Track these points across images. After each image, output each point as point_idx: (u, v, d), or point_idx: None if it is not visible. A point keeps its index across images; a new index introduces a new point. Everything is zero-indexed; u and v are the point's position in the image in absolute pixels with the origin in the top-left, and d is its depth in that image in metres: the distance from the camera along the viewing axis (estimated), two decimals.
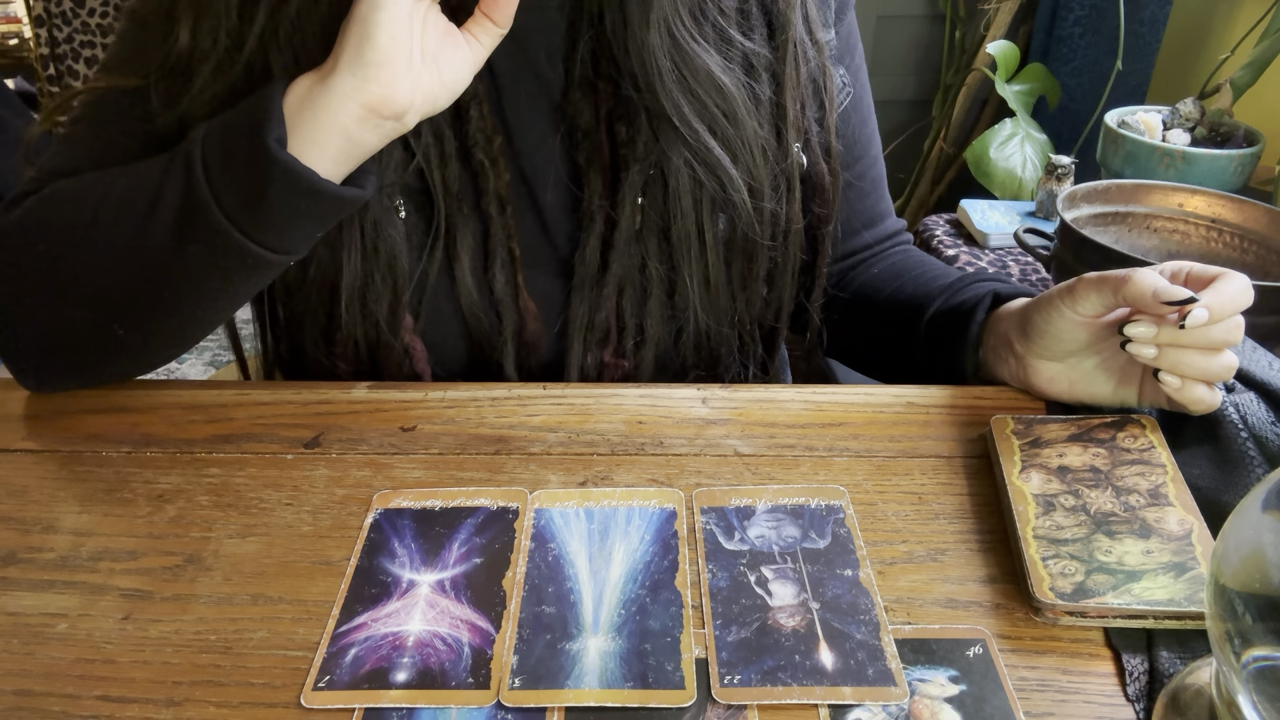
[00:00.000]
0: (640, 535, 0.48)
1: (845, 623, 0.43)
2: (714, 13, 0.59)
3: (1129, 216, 1.04)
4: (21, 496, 0.52)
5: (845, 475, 0.53)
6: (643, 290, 0.63)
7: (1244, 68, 1.32)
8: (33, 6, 2.58)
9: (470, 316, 0.63)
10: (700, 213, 0.61)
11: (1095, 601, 0.43)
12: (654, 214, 0.61)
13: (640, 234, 0.62)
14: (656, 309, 0.63)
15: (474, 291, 0.62)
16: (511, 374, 0.65)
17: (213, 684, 0.41)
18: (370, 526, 0.50)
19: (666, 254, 0.62)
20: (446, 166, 0.60)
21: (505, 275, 0.63)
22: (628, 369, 0.65)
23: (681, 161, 0.59)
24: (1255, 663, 0.33)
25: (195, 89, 0.57)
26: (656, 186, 0.61)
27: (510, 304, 0.63)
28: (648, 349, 0.64)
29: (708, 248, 0.62)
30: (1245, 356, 0.57)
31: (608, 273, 0.62)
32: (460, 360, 0.66)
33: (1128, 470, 0.50)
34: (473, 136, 0.60)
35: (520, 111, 0.62)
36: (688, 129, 0.58)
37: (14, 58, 2.57)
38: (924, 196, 2.07)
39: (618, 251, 0.62)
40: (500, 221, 0.62)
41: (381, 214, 0.59)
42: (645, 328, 0.64)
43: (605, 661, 0.42)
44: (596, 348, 0.64)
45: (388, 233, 0.59)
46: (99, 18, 2.83)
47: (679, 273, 0.62)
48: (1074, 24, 1.77)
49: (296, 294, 0.63)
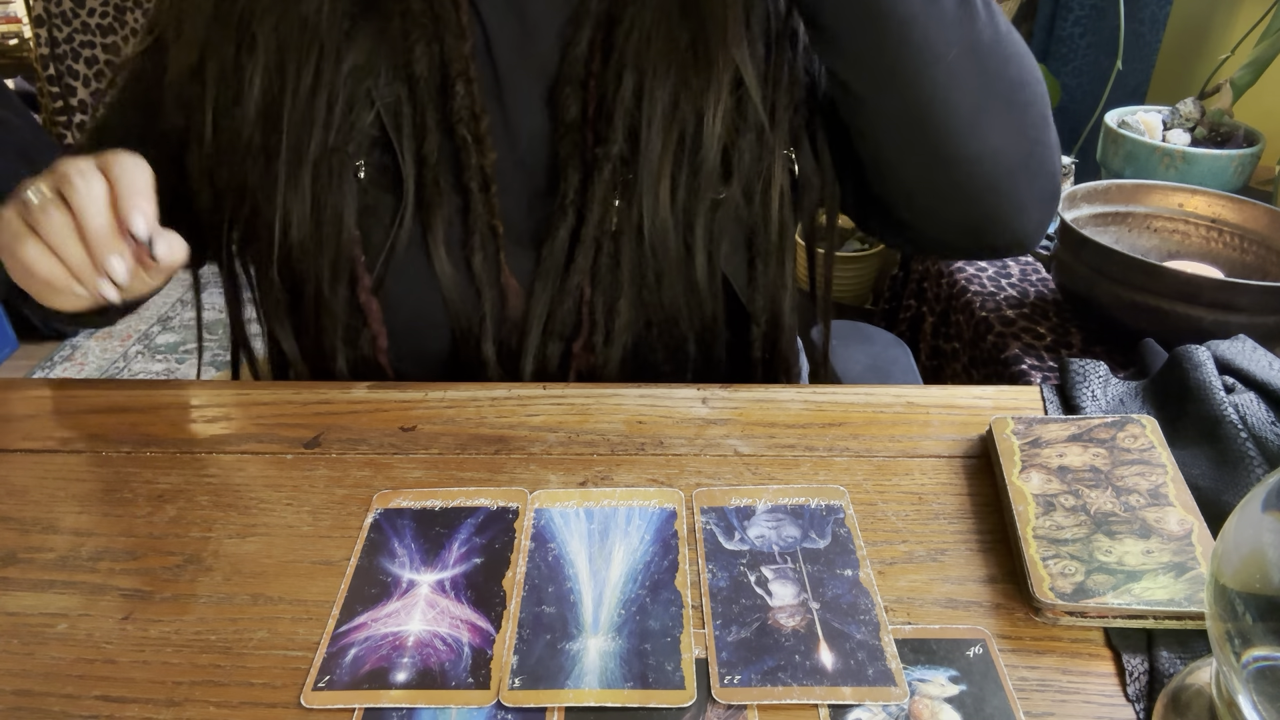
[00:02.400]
0: (640, 535, 0.48)
1: (845, 623, 0.43)
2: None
3: (1129, 216, 1.04)
4: (21, 496, 0.52)
5: (845, 475, 0.53)
6: (613, 286, 0.63)
7: (1244, 68, 1.32)
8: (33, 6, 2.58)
9: (446, 290, 0.62)
10: (676, 212, 0.61)
11: (1095, 601, 0.43)
12: (630, 214, 0.61)
13: (616, 234, 0.62)
14: (627, 307, 0.63)
15: (447, 265, 0.62)
16: (489, 354, 0.64)
17: (213, 684, 0.41)
18: (370, 526, 0.50)
19: (640, 254, 0.62)
20: (425, 138, 0.61)
21: (485, 252, 0.62)
22: (595, 363, 0.65)
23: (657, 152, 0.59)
24: (1255, 663, 0.33)
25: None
26: (633, 190, 0.61)
27: (490, 280, 0.63)
28: (615, 345, 0.64)
29: (693, 249, 0.62)
30: (1245, 356, 0.57)
31: (573, 266, 0.62)
32: (441, 338, 0.65)
33: (1128, 470, 0.50)
34: (457, 112, 0.60)
35: (517, 94, 0.62)
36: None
37: (14, 58, 2.58)
38: None
39: (585, 246, 0.61)
40: (482, 199, 0.62)
41: (337, 169, 0.60)
42: (613, 325, 0.63)
43: (605, 661, 0.42)
44: (558, 339, 0.64)
45: (339, 187, 0.60)
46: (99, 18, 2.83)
47: (652, 272, 0.62)
48: (1074, 24, 1.77)
49: (245, 239, 0.65)
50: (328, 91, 0.59)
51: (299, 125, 0.59)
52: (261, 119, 0.60)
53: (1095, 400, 0.58)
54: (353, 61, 0.59)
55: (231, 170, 0.62)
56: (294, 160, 0.59)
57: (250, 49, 0.60)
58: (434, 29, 0.60)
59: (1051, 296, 1.10)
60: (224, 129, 0.61)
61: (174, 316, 2.50)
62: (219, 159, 0.62)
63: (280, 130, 0.59)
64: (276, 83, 0.59)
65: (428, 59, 0.60)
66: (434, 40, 0.60)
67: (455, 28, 0.60)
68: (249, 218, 0.62)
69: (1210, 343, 0.59)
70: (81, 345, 2.35)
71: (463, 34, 0.60)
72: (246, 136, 0.60)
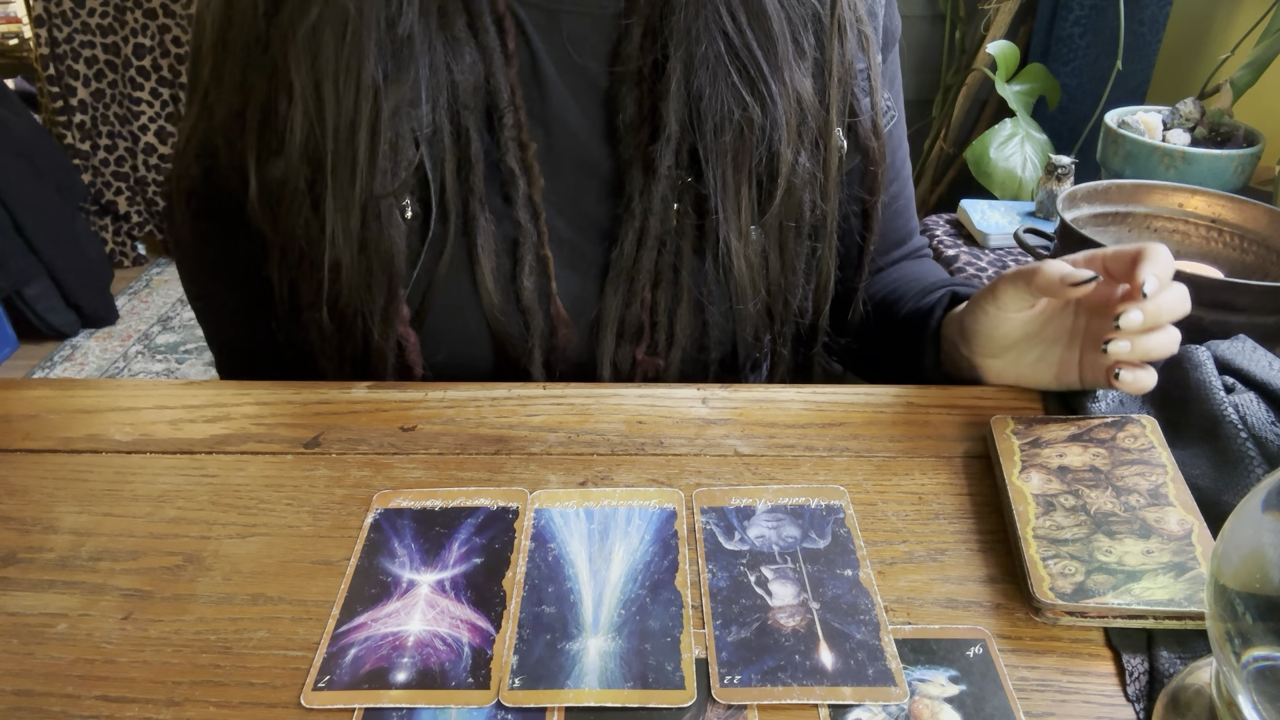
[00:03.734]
0: (640, 535, 0.48)
1: (845, 623, 0.43)
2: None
3: (1129, 216, 1.04)
4: (21, 496, 0.52)
5: (845, 475, 0.53)
6: (675, 285, 0.63)
7: (1244, 68, 1.32)
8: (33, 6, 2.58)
9: (493, 321, 0.62)
10: (740, 198, 0.61)
11: (1095, 601, 0.43)
12: (690, 212, 0.61)
13: (678, 233, 0.62)
14: (688, 308, 0.63)
15: (495, 296, 0.61)
16: (539, 378, 0.64)
17: (213, 684, 0.41)
18: (370, 526, 0.50)
19: (700, 248, 0.62)
20: (472, 170, 0.59)
21: (535, 282, 0.62)
22: (660, 367, 0.65)
23: (718, 110, 0.58)
24: (1255, 663, 0.33)
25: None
26: (690, 194, 0.61)
27: (539, 310, 0.63)
28: (677, 348, 0.64)
29: (745, 238, 0.62)
30: (1245, 356, 0.57)
31: (640, 266, 0.62)
32: (485, 365, 0.65)
33: (1128, 470, 0.50)
34: (504, 144, 0.59)
35: (567, 114, 0.61)
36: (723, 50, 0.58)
37: (14, 58, 2.58)
38: (924, 196, 2.07)
39: (648, 249, 0.62)
40: (532, 228, 0.61)
41: (386, 212, 0.58)
42: (676, 325, 0.64)
43: (605, 661, 0.42)
44: (629, 344, 0.64)
45: (388, 232, 0.59)
46: (99, 18, 2.83)
47: (714, 267, 0.62)
48: (1074, 24, 1.77)
49: (295, 281, 0.63)
50: (369, 139, 0.56)
51: (344, 169, 0.57)
52: (304, 165, 0.58)
53: (1095, 400, 0.58)
54: (395, 98, 0.56)
55: (279, 217, 0.60)
56: (340, 204, 0.57)
57: (288, 96, 0.57)
58: (478, 54, 0.58)
59: None
60: (269, 179, 0.59)
61: (174, 316, 2.50)
62: (265, 208, 0.60)
63: (323, 174, 0.57)
64: (318, 127, 0.57)
65: (472, 87, 0.58)
66: (477, 67, 0.58)
67: (502, 54, 0.58)
68: (296, 262, 0.61)
69: (1210, 343, 0.59)
70: (81, 345, 2.36)
71: (509, 59, 0.58)
72: (291, 185, 0.59)
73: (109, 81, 2.53)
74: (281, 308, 0.65)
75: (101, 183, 2.62)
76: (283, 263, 0.62)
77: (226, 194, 0.63)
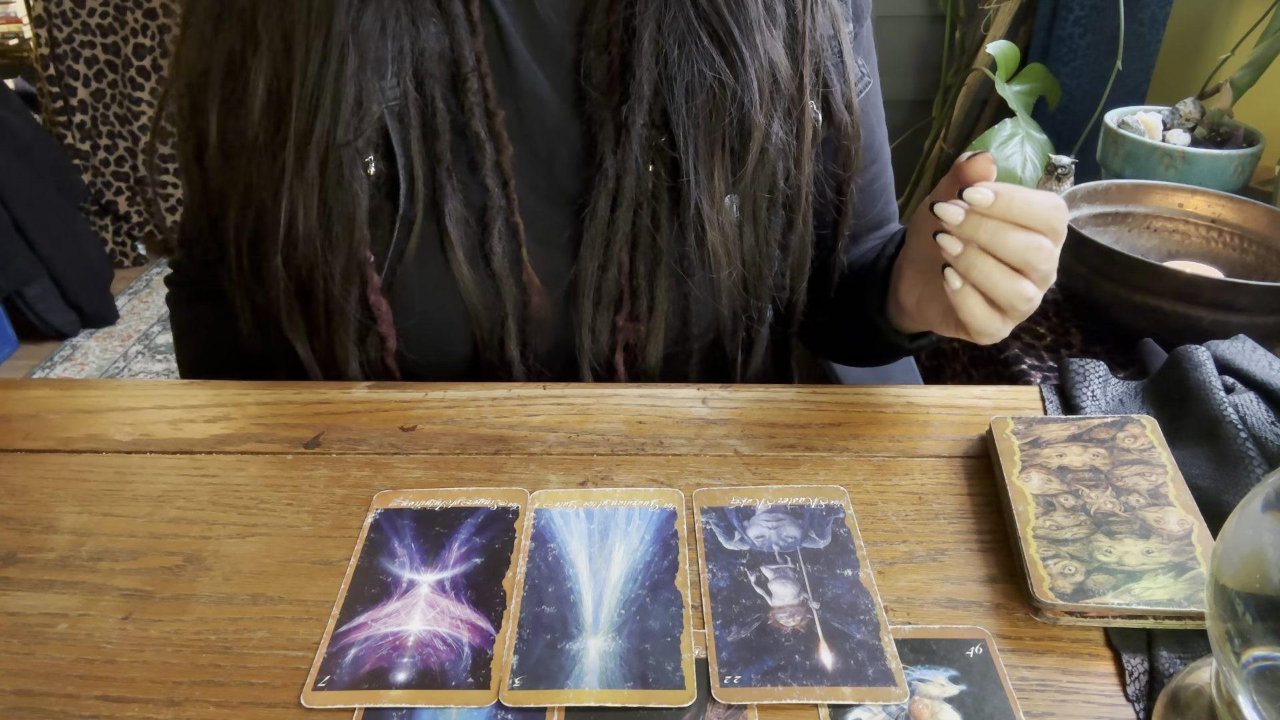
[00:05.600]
0: (640, 535, 0.48)
1: (845, 623, 0.43)
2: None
3: (1129, 216, 1.04)
4: (21, 496, 0.52)
5: (845, 475, 0.53)
6: (652, 249, 0.63)
7: (1244, 68, 1.32)
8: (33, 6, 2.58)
9: (465, 291, 0.62)
10: (712, 163, 0.60)
11: (1095, 601, 0.43)
12: (664, 175, 0.61)
13: (654, 197, 0.61)
14: (666, 273, 0.63)
15: (465, 265, 0.61)
16: (513, 353, 0.64)
17: (213, 684, 0.41)
18: (370, 526, 0.50)
19: (675, 214, 0.62)
20: (438, 137, 0.59)
21: (505, 249, 0.62)
22: (641, 334, 0.64)
23: (690, 78, 0.59)
24: (1255, 663, 0.33)
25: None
26: (664, 159, 0.60)
27: (511, 279, 0.62)
28: (658, 314, 0.64)
29: (718, 206, 0.61)
30: (1245, 356, 0.57)
31: (616, 229, 0.62)
32: (461, 340, 0.65)
33: (1128, 470, 0.50)
34: (469, 109, 0.59)
35: (535, 84, 0.61)
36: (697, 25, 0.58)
37: (14, 58, 2.57)
38: (924, 196, 2.07)
39: (623, 211, 0.61)
40: (501, 195, 0.61)
41: (348, 163, 0.58)
42: (656, 290, 0.63)
43: (605, 661, 0.42)
44: (607, 310, 0.63)
45: (349, 184, 0.58)
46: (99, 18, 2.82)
47: (688, 235, 0.62)
48: (1074, 24, 1.77)
49: (255, 237, 0.62)
50: (334, 85, 0.57)
51: (305, 116, 0.57)
52: (266, 116, 0.59)
53: (1095, 400, 0.58)
54: (357, 59, 0.57)
55: (237, 170, 0.61)
56: (300, 150, 0.57)
57: (254, 46, 0.58)
58: (443, 24, 0.59)
59: (1051, 296, 1.10)
60: (230, 130, 0.60)
61: None
62: (225, 160, 0.61)
63: (287, 124, 0.58)
64: (283, 76, 0.58)
65: (438, 55, 0.59)
66: (442, 35, 0.59)
67: (466, 22, 0.59)
68: (256, 218, 0.61)
69: (1210, 343, 0.60)
70: (81, 345, 2.36)
71: (474, 29, 0.59)
72: (252, 135, 0.59)
73: (109, 81, 2.53)
74: (240, 271, 0.64)
75: (101, 183, 2.62)
76: (241, 219, 0.62)
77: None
